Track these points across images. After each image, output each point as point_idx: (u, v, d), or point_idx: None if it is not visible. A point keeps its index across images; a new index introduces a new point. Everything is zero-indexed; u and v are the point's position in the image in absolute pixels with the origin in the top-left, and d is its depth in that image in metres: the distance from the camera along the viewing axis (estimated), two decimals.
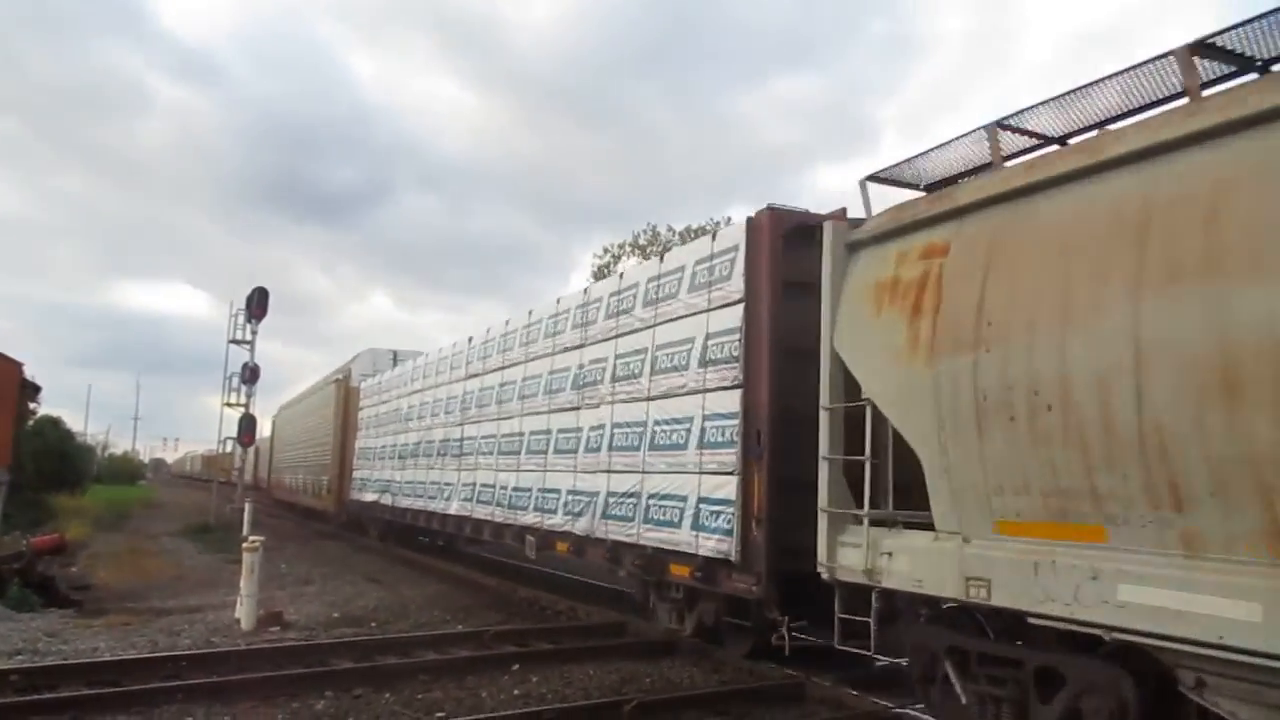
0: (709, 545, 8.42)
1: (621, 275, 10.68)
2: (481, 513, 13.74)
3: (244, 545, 10.50)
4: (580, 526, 10.73)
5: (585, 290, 11.47)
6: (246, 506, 17.83)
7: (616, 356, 10.40)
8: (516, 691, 7.63)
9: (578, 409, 11.22)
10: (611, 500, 10.14)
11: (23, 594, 11.86)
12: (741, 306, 8.42)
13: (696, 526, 8.64)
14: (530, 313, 13.10)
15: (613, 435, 10.29)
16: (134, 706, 6.81)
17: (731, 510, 8.20)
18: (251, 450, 41.88)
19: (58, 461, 32.29)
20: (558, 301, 12.24)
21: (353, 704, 7.17)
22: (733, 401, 8.36)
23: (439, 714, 6.89)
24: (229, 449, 32.86)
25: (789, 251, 8.37)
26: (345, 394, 23.50)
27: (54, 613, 11.41)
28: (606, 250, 38.74)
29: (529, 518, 12.13)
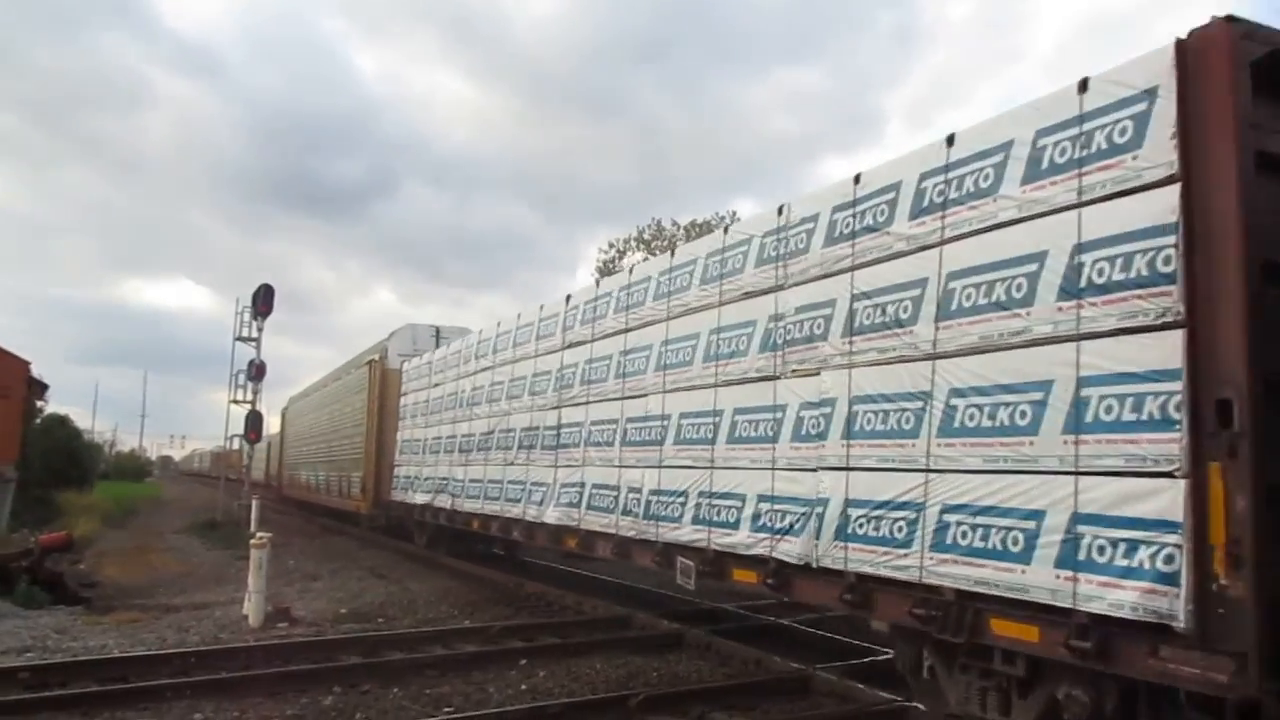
0: (1115, 598, 4.73)
1: (858, 179, 6.92)
2: (595, 523, 10.00)
3: (251, 541, 10.12)
4: (792, 549, 7.03)
5: (781, 210, 7.72)
6: (253, 503, 16.95)
7: (855, 297, 6.71)
8: (524, 686, 7.45)
9: (773, 379, 7.53)
10: (856, 512, 6.46)
11: (31, 591, 11.56)
12: (1173, 190, 4.72)
13: (1071, 563, 4.97)
14: (672, 255, 9.37)
15: (851, 414, 6.61)
16: (143, 703, 6.65)
17: (1172, 539, 4.51)
18: (262, 446, 38.71)
19: (65, 459, 31.27)
20: (725, 233, 8.49)
21: (360, 699, 6.99)
22: (1161, 351, 4.70)
23: (447, 709, 6.71)
24: (236, 446, 30.26)
25: (1262, 101, 4.71)
26: (381, 377, 19.62)
27: (62, 609, 11.11)
28: (612, 245, 37.83)
29: (684, 532, 8.40)
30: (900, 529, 6.08)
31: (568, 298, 11.56)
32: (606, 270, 36.06)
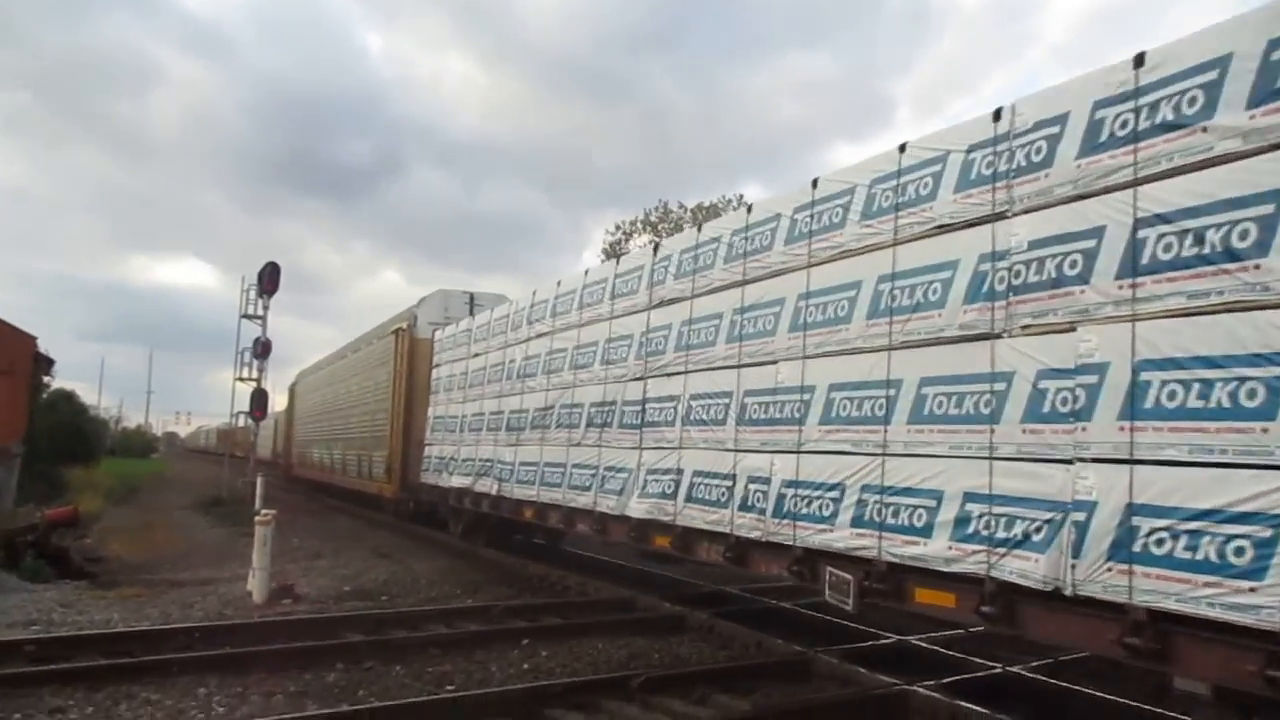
0: None
1: (1140, 61, 4.88)
2: (699, 519, 8.04)
3: (256, 519, 10.05)
4: (1030, 569, 5.10)
5: (998, 114, 5.70)
6: (258, 480, 16.53)
7: (1142, 222, 4.74)
8: (525, 665, 7.31)
9: (990, 337, 5.59)
10: (1150, 523, 4.54)
11: (37, 565, 11.42)
12: None
13: None
14: (815, 187, 7.32)
15: (1137, 384, 4.66)
16: (147, 677, 6.50)
17: None
18: (268, 423, 37.01)
19: (71, 435, 30.80)
20: (901, 152, 6.46)
21: (363, 676, 6.86)
22: None
23: (449, 686, 6.60)
24: (242, 423, 29.46)
25: None
26: (410, 347, 17.50)
27: (68, 584, 10.93)
28: (619, 227, 37.18)
29: (837, 536, 6.46)
30: (1240, 551, 4.11)
31: (655, 246, 9.52)
32: (613, 253, 34.72)
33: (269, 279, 24.95)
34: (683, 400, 8.50)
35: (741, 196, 34.83)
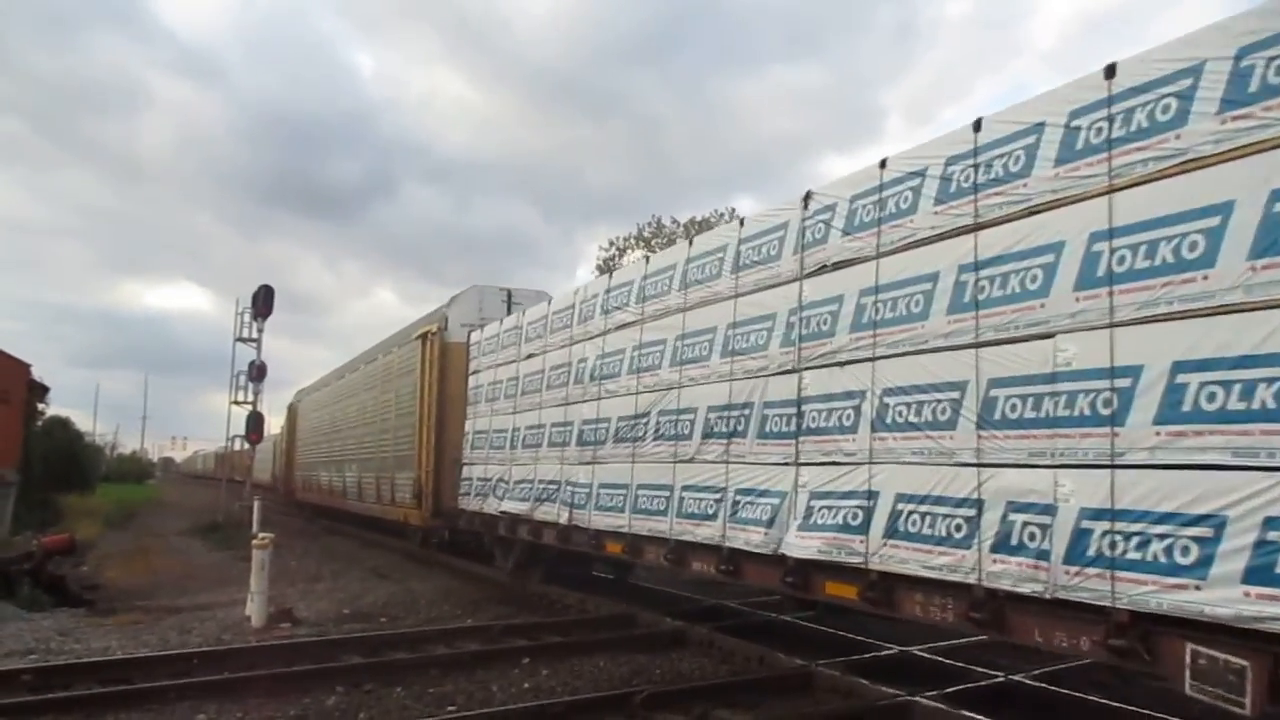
0: None
1: None
2: (910, 559, 5.64)
3: (254, 542, 9.76)
4: None
5: None
6: (255, 504, 15.87)
7: None
8: (526, 685, 7.12)
9: None
10: None
11: (34, 594, 11.20)
12: None
13: None
14: (1110, 77, 4.89)
15: None
16: (146, 704, 6.45)
17: None
18: (265, 446, 34.80)
19: (66, 462, 30.56)
20: None
21: (364, 699, 6.68)
22: None
23: (450, 708, 6.44)
24: (238, 447, 29.21)
25: None
26: (439, 352, 14.93)
27: (65, 612, 10.67)
28: (612, 244, 36.08)
29: (1213, 597, 4.09)
30: None
31: (807, 196, 7.06)
32: (606, 268, 33.49)
33: (263, 302, 24.34)
34: (871, 396, 6.10)
35: (734, 209, 34.70)
